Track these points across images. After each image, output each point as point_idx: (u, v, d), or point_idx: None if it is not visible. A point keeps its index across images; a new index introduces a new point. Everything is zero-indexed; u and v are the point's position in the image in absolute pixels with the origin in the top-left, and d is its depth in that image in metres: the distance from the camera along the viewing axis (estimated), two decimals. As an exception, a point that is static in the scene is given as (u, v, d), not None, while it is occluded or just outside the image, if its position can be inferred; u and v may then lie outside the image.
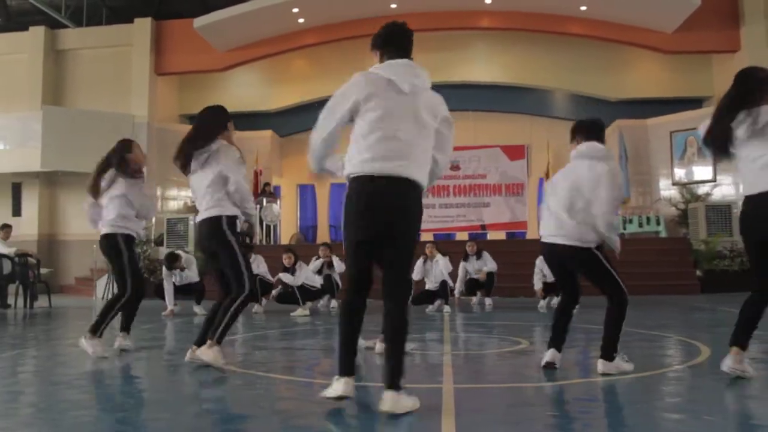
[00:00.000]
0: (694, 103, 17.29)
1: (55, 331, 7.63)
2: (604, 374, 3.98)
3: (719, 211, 14.36)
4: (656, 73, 17.59)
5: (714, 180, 16.07)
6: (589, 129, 4.48)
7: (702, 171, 16.30)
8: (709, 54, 16.84)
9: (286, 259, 10.06)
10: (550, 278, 9.78)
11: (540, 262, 9.88)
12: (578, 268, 4.27)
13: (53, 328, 8.05)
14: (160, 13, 17.80)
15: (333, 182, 18.35)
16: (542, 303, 9.94)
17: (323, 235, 18.71)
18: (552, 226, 4.26)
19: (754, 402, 3.37)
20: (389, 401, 3.02)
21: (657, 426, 2.91)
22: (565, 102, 18.29)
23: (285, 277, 9.90)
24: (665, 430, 2.85)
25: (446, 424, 2.87)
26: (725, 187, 15.83)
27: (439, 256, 10.10)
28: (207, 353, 4.28)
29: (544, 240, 4.34)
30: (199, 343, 4.43)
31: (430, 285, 10.02)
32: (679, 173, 16.69)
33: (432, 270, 10.03)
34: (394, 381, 3.05)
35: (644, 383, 3.82)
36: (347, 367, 3.22)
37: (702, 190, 15.96)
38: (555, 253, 4.29)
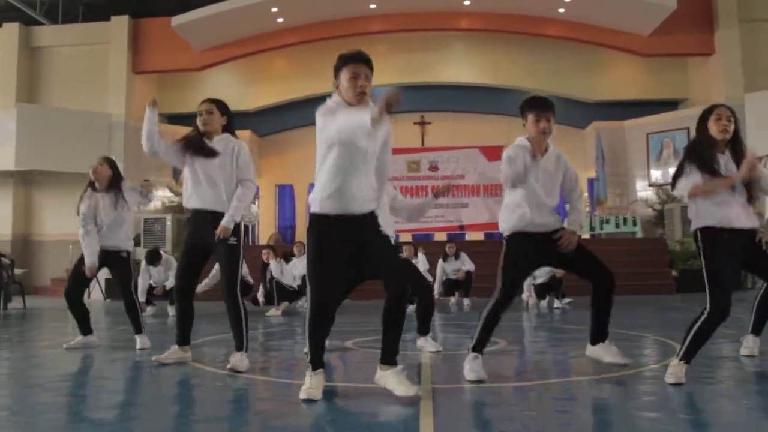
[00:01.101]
0: (670, 105, 17.51)
1: (30, 333, 7.53)
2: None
3: (694, 212, 14.54)
4: (633, 75, 17.77)
5: (689, 181, 16.27)
6: None
7: (678, 172, 16.48)
8: (685, 57, 17.05)
9: (266, 256, 10.13)
10: (539, 280, 10.05)
11: None
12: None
13: (27, 329, 7.95)
14: (137, 11, 17.64)
15: (312, 182, 18.31)
16: (543, 303, 10.10)
17: (301, 235, 18.64)
18: None
19: (728, 401, 3.42)
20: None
21: (634, 425, 2.94)
22: (543, 103, 18.41)
23: (274, 269, 9.92)
24: (642, 428, 2.88)
25: (425, 425, 2.87)
26: (700, 188, 16.04)
27: (420, 255, 10.30)
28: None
29: None
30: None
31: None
32: (656, 174, 16.87)
33: None
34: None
35: (622, 382, 3.86)
36: None
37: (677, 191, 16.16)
38: None
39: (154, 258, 9.92)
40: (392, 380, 3.41)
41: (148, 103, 4.66)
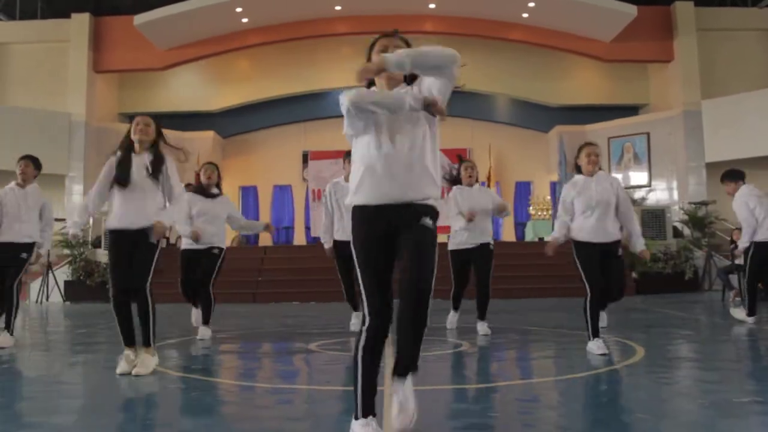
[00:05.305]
0: (631, 110, 17.82)
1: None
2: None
3: (654, 216, 14.81)
4: (595, 81, 18.04)
5: (649, 185, 16.58)
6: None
7: (638, 176, 16.79)
8: (645, 63, 17.38)
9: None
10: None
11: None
12: None
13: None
14: (98, 8, 17.34)
15: (276, 184, 18.22)
16: None
17: (266, 238, 18.53)
18: None
19: (686, 400, 3.49)
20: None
21: (593, 425, 2.98)
22: (507, 107, 18.59)
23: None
24: (601, 428, 2.92)
25: (385, 427, 2.88)
26: (660, 192, 16.35)
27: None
28: None
29: None
30: None
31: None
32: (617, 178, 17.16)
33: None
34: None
35: (582, 383, 3.91)
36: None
37: (638, 194, 16.45)
38: None
39: None
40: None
41: None
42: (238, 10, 15.78)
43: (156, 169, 4.54)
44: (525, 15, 16.05)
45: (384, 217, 2.71)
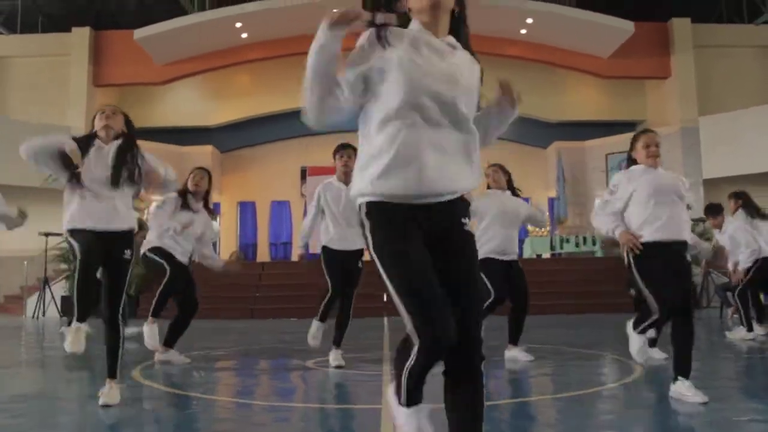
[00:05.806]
0: (629, 126, 17.86)
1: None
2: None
3: (652, 232, 14.82)
4: (593, 97, 18.12)
5: (647, 201, 16.60)
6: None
7: (636, 192, 16.81)
8: (643, 79, 17.47)
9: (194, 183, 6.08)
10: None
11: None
12: None
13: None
14: (99, 23, 17.40)
15: (274, 200, 18.21)
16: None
17: (263, 253, 18.48)
18: None
19: (685, 418, 3.47)
20: None
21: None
22: (505, 123, 18.64)
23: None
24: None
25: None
26: (657, 208, 16.38)
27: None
28: None
29: None
30: None
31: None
32: (614, 194, 17.19)
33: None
34: None
35: (580, 401, 3.89)
36: None
37: (635, 211, 16.48)
38: None
39: None
40: None
41: None
42: (238, 25, 15.84)
43: (123, 153, 4.02)
44: (523, 31, 16.14)
45: None
